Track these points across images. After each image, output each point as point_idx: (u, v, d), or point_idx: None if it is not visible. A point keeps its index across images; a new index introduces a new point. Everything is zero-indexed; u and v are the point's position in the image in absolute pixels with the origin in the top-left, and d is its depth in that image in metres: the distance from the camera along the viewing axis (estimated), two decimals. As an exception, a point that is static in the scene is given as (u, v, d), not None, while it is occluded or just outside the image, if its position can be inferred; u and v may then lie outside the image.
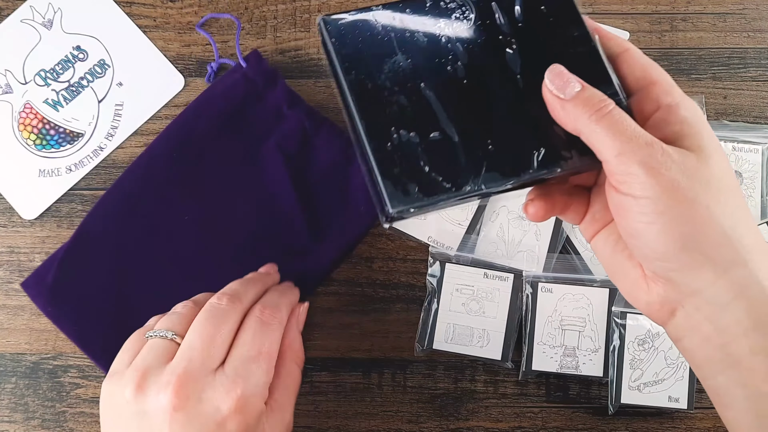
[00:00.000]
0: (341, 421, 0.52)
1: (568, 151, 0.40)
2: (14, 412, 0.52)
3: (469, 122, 0.40)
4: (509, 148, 0.40)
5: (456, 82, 0.41)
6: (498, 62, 0.41)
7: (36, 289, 0.51)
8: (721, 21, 0.56)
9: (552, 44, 0.42)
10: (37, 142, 0.54)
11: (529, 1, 0.42)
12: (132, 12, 0.56)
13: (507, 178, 0.39)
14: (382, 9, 0.42)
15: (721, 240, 0.33)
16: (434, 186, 0.39)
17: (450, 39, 0.42)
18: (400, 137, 0.39)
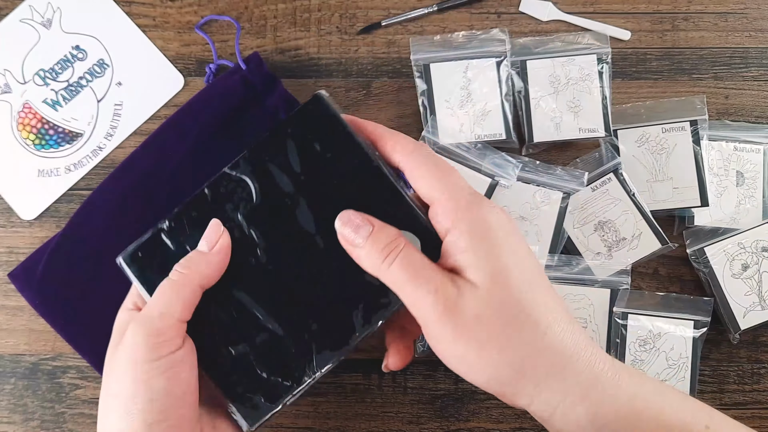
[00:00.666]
0: (341, 422, 0.52)
1: (386, 296, 0.40)
2: (13, 413, 0.52)
3: (287, 309, 0.41)
4: (330, 319, 0.41)
5: (261, 271, 0.41)
6: (293, 229, 0.41)
7: (24, 281, 0.51)
8: (723, 20, 0.55)
9: (337, 183, 0.41)
10: (36, 142, 0.54)
11: (302, 146, 0.41)
12: (131, 11, 0.55)
13: (338, 351, 0.40)
14: (169, 223, 0.42)
15: (524, 361, 0.35)
16: (277, 389, 0.40)
17: (241, 226, 0.41)
18: (232, 354, 0.40)
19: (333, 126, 0.41)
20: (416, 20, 0.55)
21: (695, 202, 0.52)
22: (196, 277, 0.40)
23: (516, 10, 0.55)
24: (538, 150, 0.54)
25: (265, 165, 0.41)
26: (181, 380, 0.38)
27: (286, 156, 0.41)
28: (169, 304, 0.39)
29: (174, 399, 0.38)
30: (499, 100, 0.53)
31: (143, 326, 0.38)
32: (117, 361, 0.39)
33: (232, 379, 0.40)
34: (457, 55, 0.54)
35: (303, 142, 0.41)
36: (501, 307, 0.35)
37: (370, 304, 0.40)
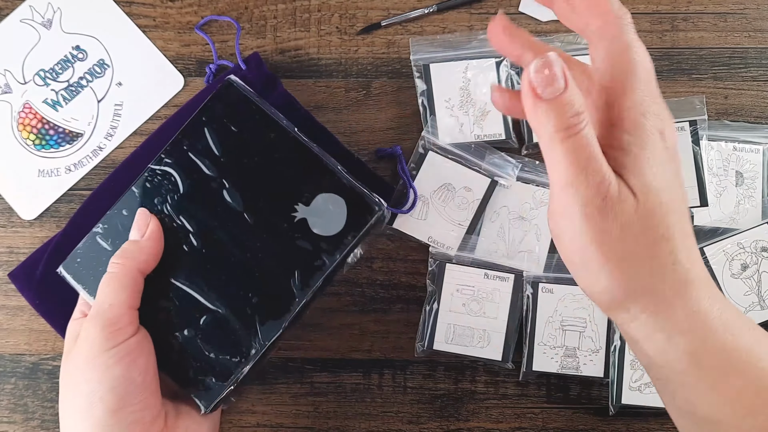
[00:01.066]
0: (341, 421, 0.52)
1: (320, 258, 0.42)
2: (14, 413, 0.52)
3: (226, 288, 0.42)
4: (269, 290, 0.42)
5: (197, 255, 0.43)
6: (222, 210, 0.43)
7: (24, 280, 0.51)
8: (722, 21, 0.55)
9: (258, 159, 0.43)
10: (37, 142, 0.54)
11: (219, 131, 0.43)
12: (131, 12, 0.55)
13: (281, 319, 0.42)
14: (102, 225, 0.44)
15: (646, 285, 0.34)
16: (227, 367, 0.42)
17: (171, 216, 0.43)
18: (178, 340, 0.42)
19: (246, 107, 0.44)
20: (416, 20, 0.55)
21: (694, 202, 0.52)
22: (133, 264, 0.41)
23: (516, 10, 0.55)
24: (538, 150, 0.54)
25: (186, 155, 0.43)
26: (139, 366, 0.39)
27: (206, 142, 0.43)
28: (115, 294, 0.40)
29: (134, 385, 0.38)
30: (499, 100, 0.53)
31: (95, 321, 0.39)
32: (72, 365, 0.39)
33: (182, 365, 0.42)
34: (457, 55, 0.54)
35: (219, 127, 0.43)
36: (648, 225, 0.33)
37: (306, 268, 0.42)
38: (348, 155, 0.53)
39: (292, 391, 0.53)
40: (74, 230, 0.52)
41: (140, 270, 0.41)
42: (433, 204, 0.53)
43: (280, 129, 0.44)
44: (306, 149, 0.43)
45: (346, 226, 0.43)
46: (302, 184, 0.43)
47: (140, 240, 0.42)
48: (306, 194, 0.43)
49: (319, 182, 0.43)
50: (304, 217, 0.43)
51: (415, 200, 0.53)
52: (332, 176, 0.43)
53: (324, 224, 0.43)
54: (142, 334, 0.40)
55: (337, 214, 0.43)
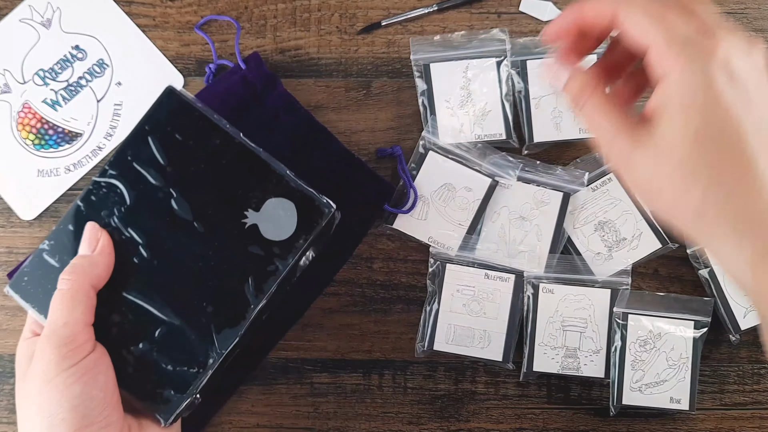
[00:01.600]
0: (341, 422, 0.52)
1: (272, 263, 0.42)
2: (13, 413, 0.52)
3: (179, 298, 0.42)
4: (224, 298, 0.42)
5: (148, 267, 0.42)
6: (171, 220, 0.42)
7: None
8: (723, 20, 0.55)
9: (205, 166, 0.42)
10: (36, 142, 0.54)
11: (163, 139, 0.43)
12: (131, 11, 0.55)
13: (237, 327, 0.41)
14: (48, 241, 0.43)
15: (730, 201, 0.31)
16: (185, 379, 0.41)
17: (119, 229, 0.42)
18: (134, 354, 0.41)
19: (190, 114, 0.43)
20: (416, 20, 0.55)
21: (695, 202, 0.52)
22: (85, 279, 0.40)
23: (516, 10, 0.55)
24: (538, 150, 0.54)
25: (130, 165, 0.43)
26: (100, 383, 0.38)
27: (150, 152, 0.42)
28: (69, 312, 0.39)
29: (96, 402, 0.38)
30: (499, 100, 0.53)
31: (50, 340, 0.38)
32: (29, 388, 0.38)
33: (139, 379, 0.41)
34: (457, 55, 0.54)
35: (163, 136, 0.43)
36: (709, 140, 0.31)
37: (259, 274, 0.42)
38: (348, 155, 0.52)
39: (292, 392, 0.52)
40: None
41: (92, 285, 0.40)
42: (434, 204, 0.53)
43: (225, 135, 0.43)
44: (252, 154, 0.43)
45: (297, 230, 0.42)
46: (251, 189, 0.43)
47: (91, 254, 0.41)
48: (255, 200, 0.43)
49: (267, 187, 0.43)
50: (255, 223, 0.43)
51: (415, 200, 0.52)
52: (280, 180, 0.42)
53: (275, 229, 0.43)
54: (99, 351, 0.40)
55: (288, 218, 0.43)
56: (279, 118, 0.53)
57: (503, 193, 0.53)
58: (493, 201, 0.53)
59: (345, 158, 0.52)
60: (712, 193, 0.32)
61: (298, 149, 0.52)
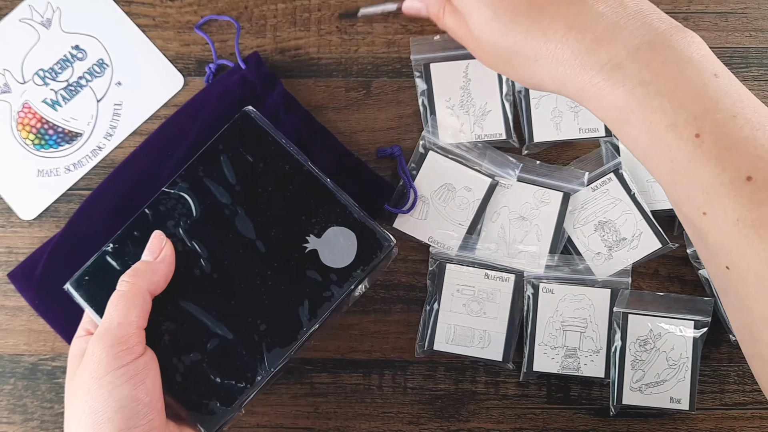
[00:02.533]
0: (341, 422, 0.52)
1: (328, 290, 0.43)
2: (13, 413, 0.52)
3: (234, 314, 0.43)
4: (278, 318, 0.43)
5: (207, 280, 0.43)
6: (234, 237, 0.44)
7: (23, 280, 0.51)
8: (723, 20, 0.55)
9: (272, 189, 0.44)
10: (36, 142, 0.54)
11: (235, 159, 0.44)
12: (131, 11, 0.55)
13: (287, 347, 0.43)
14: (113, 245, 0.44)
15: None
16: (231, 393, 0.42)
17: (183, 240, 0.44)
18: (184, 363, 0.42)
19: (262, 138, 0.45)
20: (416, 20, 0.55)
21: (695, 202, 0.52)
22: (144, 284, 0.41)
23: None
24: (538, 150, 0.54)
25: (201, 181, 0.44)
26: (147, 386, 0.39)
27: (221, 170, 0.44)
28: (125, 313, 0.40)
29: (142, 405, 0.38)
30: (499, 99, 0.53)
31: (103, 339, 0.39)
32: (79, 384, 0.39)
33: (186, 388, 0.42)
34: (457, 54, 0.54)
35: (235, 156, 0.44)
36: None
37: (314, 298, 0.43)
38: (348, 155, 0.52)
39: (292, 392, 0.52)
40: (74, 230, 0.52)
41: (150, 291, 0.41)
42: (434, 204, 0.53)
43: (295, 161, 0.45)
44: (319, 182, 0.45)
45: (356, 260, 0.44)
46: (314, 216, 0.44)
47: (153, 261, 0.43)
48: (317, 226, 0.44)
49: (330, 215, 0.44)
50: (315, 249, 0.44)
51: (415, 200, 0.52)
52: (344, 210, 0.44)
53: (334, 256, 0.44)
54: (149, 355, 0.40)
55: (348, 247, 0.44)
56: (279, 118, 0.53)
57: (503, 193, 0.53)
58: (493, 201, 0.53)
59: (345, 158, 0.52)
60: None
61: (298, 149, 0.53)
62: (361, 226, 0.44)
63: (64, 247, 0.51)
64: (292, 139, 0.53)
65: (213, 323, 0.43)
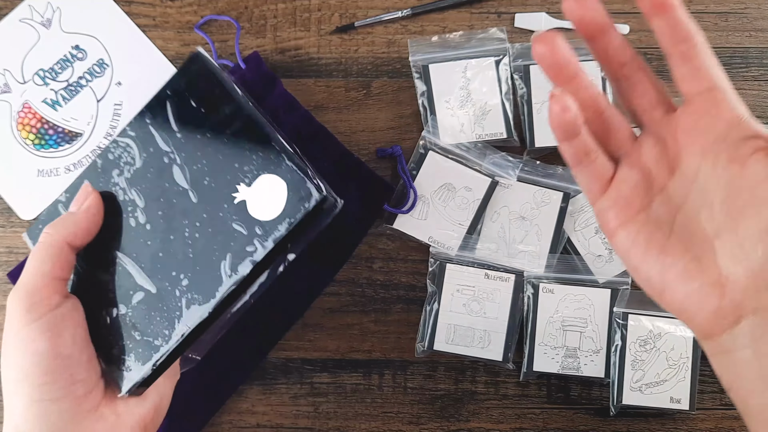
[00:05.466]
0: (341, 422, 0.52)
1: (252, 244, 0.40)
2: (13, 414, 0.52)
3: (161, 267, 0.41)
4: (199, 273, 0.40)
5: (141, 231, 0.41)
6: (169, 187, 0.41)
7: None
8: (723, 20, 0.55)
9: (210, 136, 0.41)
10: (36, 142, 0.54)
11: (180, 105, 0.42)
12: (131, 11, 0.55)
13: (205, 305, 0.40)
14: (65, 193, 0.43)
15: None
16: (148, 350, 0.40)
17: (125, 189, 0.42)
18: (110, 316, 0.41)
19: (209, 81, 0.42)
20: (416, 20, 0.55)
21: (695, 202, 0.52)
22: (61, 235, 0.40)
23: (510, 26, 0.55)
24: (539, 155, 0.54)
25: (146, 128, 0.42)
26: (65, 339, 0.38)
27: (166, 116, 0.42)
28: (38, 264, 0.39)
29: (61, 359, 0.37)
30: (499, 99, 0.53)
31: (17, 292, 0.38)
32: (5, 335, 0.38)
33: (109, 342, 0.40)
34: (456, 55, 0.54)
35: (180, 101, 0.42)
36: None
37: (237, 253, 0.40)
38: (348, 155, 0.52)
39: (292, 392, 0.53)
40: None
41: (68, 241, 0.40)
42: (434, 204, 0.53)
43: (236, 104, 0.41)
44: (258, 126, 0.40)
45: (284, 212, 0.39)
46: (247, 163, 0.40)
47: (75, 212, 0.42)
48: (250, 174, 0.40)
49: (264, 162, 0.40)
50: (244, 199, 0.40)
51: (415, 200, 0.52)
52: (277, 157, 0.39)
53: (262, 208, 0.40)
54: (68, 306, 0.39)
55: (278, 198, 0.40)
56: (279, 118, 0.53)
57: (503, 193, 0.53)
58: (493, 201, 0.53)
59: (345, 158, 0.52)
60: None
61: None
62: (293, 175, 0.39)
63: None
64: (292, 138, 0.53)
65: (140, 276, 0.41)
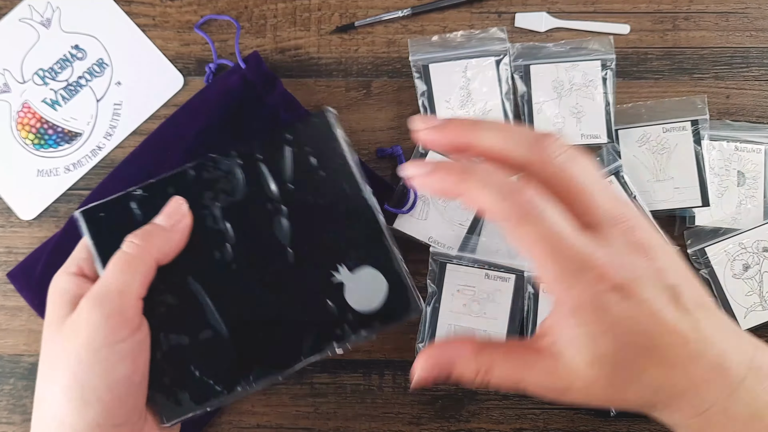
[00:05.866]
0: (341, 422, 0.52)
1: (341, 328, 0.39)
2: (12, 414, 0.52)
3: (239, 314, 0.39)
4: (281, 338, 0.39)
5: (224, 268, 0.39)
6: (268, 236, 0.39)
7: (23, 280, 0.51)
8: (724, 20, 0.55)
9: (323, 204, 0.40)
10: (36, 142, 0.54)
11: (298, 156, 0.40)
12: (131, 11, 0.55)
13: (279, 371, 0.39)
14: (142, 191, 0.40)
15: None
16: (206, 391, 0.38)
17: (216, 217, 0.39)
18: (170, 342, 0.38)
19: (332, 146, 0.41)
20: (416, 20, 0.55)
21: (696, 202, 0.52)
22: (153, 251, 0.37)
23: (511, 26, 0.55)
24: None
25: (256, 163, 0.40)
26: (140, 366, 0.36)
27: (281, 161, 0.40)
28: (128, 279, 0.36)
29: (134, 387, 0.36)
30: (500, 98, 0.53)
31: (102, 305, 0.35)
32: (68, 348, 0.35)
33: (162, 368, 0.38)
34: (456, 54, 0.54)
35: (300, 153, 0.40)
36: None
37: (323, 332, 0.39)
38: None
39: (292, 392, 0.52)
40: (73, 230, 0.51)
41: (158, 260, 0.37)
42: (434, 204, 0.53)
43: (355, 185, 0.40)
44: (373, 218, 0.40)
45: (379, 312, 0.40)
46: (355, 248, 0.40)
47: (168, 228, 0.38)
48: (354, 260, 0.40)
49: (371, 254, 0.40)
50: (343, 282, 0.40)
51: (415, 200, 0.52)
52: (387, 255, 0.40)
53: (359, 298, 0.40)
54: (144, 330, 0.37)
55: (376, 294, 0.40)
56: (279, 117, 0.53)
57: (503, 193, 0.53)
58: (494, 201, 0.53)
59: None
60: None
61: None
62: (396, 280, 0.40)
63: (64, 246, 0.51)
64: None
65: (213, 313, 0.39)
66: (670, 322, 0.32)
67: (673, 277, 0.33)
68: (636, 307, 0.32)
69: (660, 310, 0.32)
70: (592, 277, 0.31)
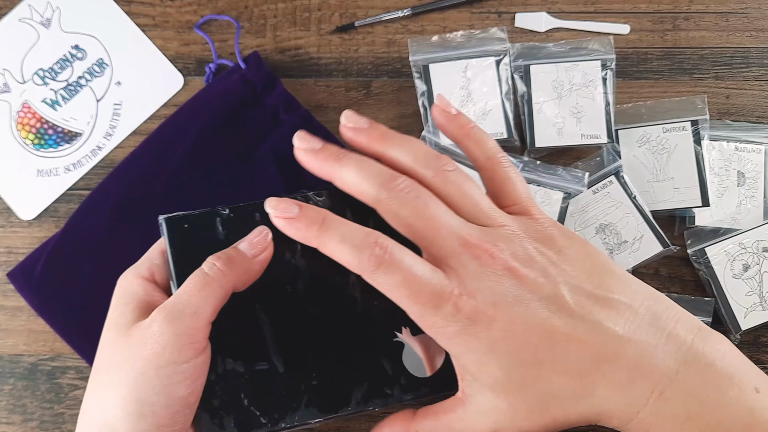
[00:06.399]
0: (341, 422, 0.52)
1: (392, 388, 0.40)
2: (12, 414, 0.52)
3: (297, 352, 0.39)
4: (332, 384, 0.39)
5: (293, 304, 0.39)
6: (342, 283, 0.40)
7: (23, 280, 0.51)
8: (724, 20, 0.55)
9: None
10: (36, 142, 0.54)
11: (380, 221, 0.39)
12: (131, 11, 0.55)
13: (324, 414, 0.39)
14: (227, 212, 0.39)
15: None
16: (251, 421, 0.38)
17: (295, 252, 0.39)
18: (225, 366, 0.38)
19: None
20: (416, 20, 0.55)
21: (696, 202, 0.52)
22: (233, 278, 0.37)
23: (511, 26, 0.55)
24: (539, 155, 0.54)
25: (344, 207, 0.40)
26: (197, 388, 0.36)
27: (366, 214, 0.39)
28: (203, 302, 0.36)
29: (188, 408, 0.36)
30: (500, 99, 0.53)
31: (175, 323, 0.35)
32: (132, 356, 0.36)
33: (212, 390, 0.38)
34: (456, 54, 0.54)
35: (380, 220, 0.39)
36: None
37: (375, 388, 0.40)
38: None
39: (292, 392, 0.52)
40: (74, 231, 0.52)
41: (235, 287, 0.37)
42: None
43: None
44: None
45: (430, 379, 0.40)
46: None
47: (251, 257, 0.37)
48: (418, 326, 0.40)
49: None
50: (403, 343, 0.40)
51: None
52: None
53: (415, 361, 0.40)
54: (207, 354, 0.37)
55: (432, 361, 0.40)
56: (279, 117, 0.53)
57: (503, 194, 0.53)
58: (494, 201, 0.53)
59: None
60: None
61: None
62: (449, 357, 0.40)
63: (64, 246, 0.51)
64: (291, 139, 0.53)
65: (274, 347, 0.39)
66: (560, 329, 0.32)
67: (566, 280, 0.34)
68: (507, 327, 0.32)
69: (544, 321, 0.32)
70: (448, 311, 0.33)
